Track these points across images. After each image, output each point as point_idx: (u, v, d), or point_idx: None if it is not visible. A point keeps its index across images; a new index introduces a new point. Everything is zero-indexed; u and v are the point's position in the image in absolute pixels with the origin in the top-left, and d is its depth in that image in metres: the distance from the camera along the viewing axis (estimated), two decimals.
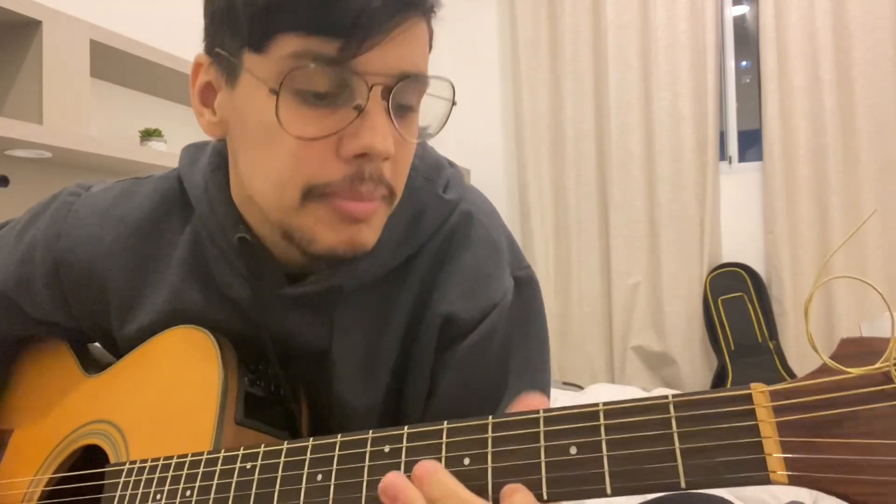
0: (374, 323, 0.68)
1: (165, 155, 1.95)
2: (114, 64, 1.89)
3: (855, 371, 0.35)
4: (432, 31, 0.60)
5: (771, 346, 3.06)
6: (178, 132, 2.17)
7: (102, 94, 2.01)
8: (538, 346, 0.72)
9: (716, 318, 3.15)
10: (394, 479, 0.45)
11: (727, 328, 3.13)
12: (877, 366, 0.34)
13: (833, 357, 0.36)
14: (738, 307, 3.13)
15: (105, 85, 2.02)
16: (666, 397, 0.40)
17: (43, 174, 1.81)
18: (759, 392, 0.38)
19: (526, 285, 0.71)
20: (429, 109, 0.61)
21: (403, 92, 0.56)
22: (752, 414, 0.37)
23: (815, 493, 1.82)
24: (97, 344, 0.84)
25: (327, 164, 0.56)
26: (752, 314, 3.12)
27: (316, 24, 0.52)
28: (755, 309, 3.12)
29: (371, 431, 0.50)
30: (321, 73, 0.53)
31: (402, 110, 0.58)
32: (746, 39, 3.41)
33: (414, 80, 0.56)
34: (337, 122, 0.55)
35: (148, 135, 2.01)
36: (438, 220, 0.68)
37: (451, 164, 0.74)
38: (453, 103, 0.61)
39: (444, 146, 0.61)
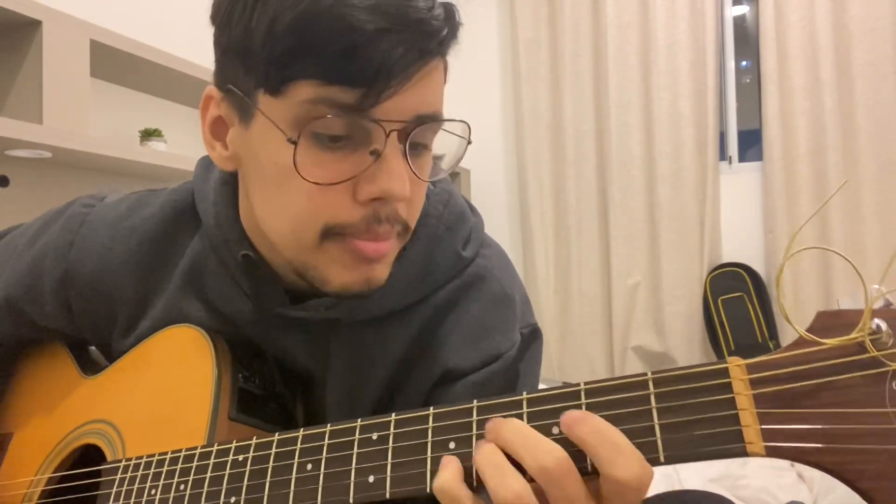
0: (366, 359, 0.68)
1: (165, 155, 1.96)
2: (114, 64, 1.90)
3: (830, 342, 0.35)
4: (447, 64, 0.60)
5: (771, 345, 3.06)
6: (178, 132, 2.18)
7: (102, 94, 2.01)
8: None
9: (716, 318, 3.15)
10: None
11: (727, 328, 3.12)
12: (850, 336, 0.34)
13: (809, 330, 0.36)
14: (738, 307, 3.13)
15: (105, 85, 2.03)
16: (645, 374, 0.40)
17: (43, 174, 1.82)
18: (736, 365, 0.38)
19: (532, 341, 0.71)
20: (441, 139, 0.61)
21: (419, 133, 0.56)
22: (728, 387, 0.38)
23: (814, 492, 1.82)
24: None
25: (344, 206, 0.55)
26: (752, 314, 3.11)
27: (336, 73, 0.51)
28: (755, 309, 3.11)
29: (360, 420, 0.50)
30: (339, 119, 0.52)
31: (417, 149, 0.57)
32: (746, 39, 3.42)
33: (430, 121, 0.56)
34: (353, 166, 0.54)
35: (148, 135, 2.01)
36: (450, 273, 0.68)
37: (474, 212, 0.74)
38: (469, 142, 0.60)
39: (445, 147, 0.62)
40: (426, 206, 0.66)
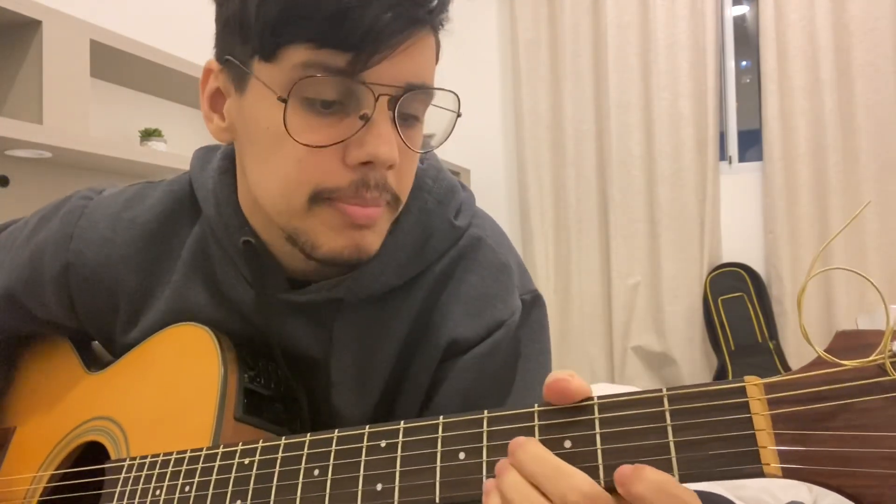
0: (372, 337, 0.68)
1: (165, 155, 1.95)
2: (114, 64, 1.89)
3: (849, 363, 0.34)
4: (440, 43, 0.61)
5: (771, 345, 3.06)
6: (178, 132, 2.17)
7: (102, 94, 2.00)
8: (544, 365, 0.72)
9: (716, 318, 3.15)
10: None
11: (727, 328, 3.13)
12: (871, 358, 0.34)
13: (828, 350, 0.36)
14: (738, 307, 3.13)
15: (105, 85, 2.02)
16: (660, 390, 0.40)
17: (43, 174, 1.81)
18: (754, 385, 0.37)
19: (534, 307, 0.71)
20: (433, 119, 0.62)
21: (409, 102, 0.57)
22: (745, 406, 0.37)
23: (814, 493, 1.82)
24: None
25: (333, 170, 0.57)
26: (752, 314, 3.12)
27: (327, 37, 0.53)
28: (755, 309, 3.12)
29: (368, 427, 0.50)
30: (329, 83, 0.54)
31: (408, 120, 0.59)
32: (746, 39, 3.41)
33: (420, 92, 0.58)
34: (343, 130, 0.56)
35: (148, 135, 2.00)
36: (446, 244, 0.69)
37: (464, 188, 0.74)
38: (458, 115, 0.62)
39: (445, 146, 0.63)
40: (416, 180, 0.67)
